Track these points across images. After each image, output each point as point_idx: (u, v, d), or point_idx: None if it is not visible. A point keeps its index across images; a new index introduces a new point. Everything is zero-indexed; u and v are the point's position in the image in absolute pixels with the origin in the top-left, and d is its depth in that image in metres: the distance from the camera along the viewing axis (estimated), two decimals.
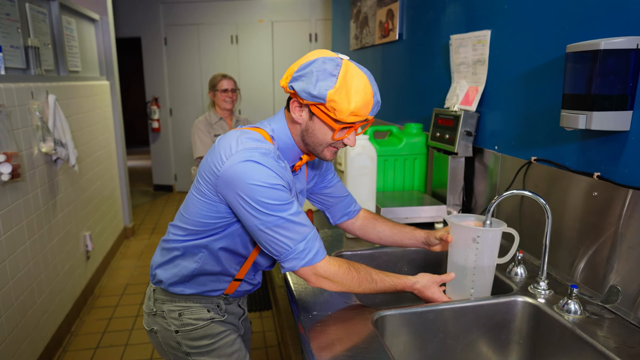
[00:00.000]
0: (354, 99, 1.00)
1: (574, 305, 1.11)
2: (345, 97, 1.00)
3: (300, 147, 1.14)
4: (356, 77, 1.01)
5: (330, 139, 1.07)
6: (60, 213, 2.78)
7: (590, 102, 1.07)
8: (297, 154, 1.15)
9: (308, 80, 1.00)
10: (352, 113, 1.01)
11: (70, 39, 3.23)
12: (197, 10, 5.77)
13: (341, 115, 1.01)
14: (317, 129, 1.07)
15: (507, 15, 1.54)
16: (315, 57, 1.03)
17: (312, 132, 1.08)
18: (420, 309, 1.15)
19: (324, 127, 1.06)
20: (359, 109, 1.01)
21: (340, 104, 1.00)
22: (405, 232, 1.35)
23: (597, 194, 1.19)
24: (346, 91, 1.00)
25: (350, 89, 1.00)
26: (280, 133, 1.12)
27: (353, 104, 1.00)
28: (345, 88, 1.00)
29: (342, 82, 0.99)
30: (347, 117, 1.01)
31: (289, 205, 1.03)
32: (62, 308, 2.74)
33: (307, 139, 1.10)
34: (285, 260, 1.05)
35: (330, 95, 0.99)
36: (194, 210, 1.13)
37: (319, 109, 1.03)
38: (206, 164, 1.09)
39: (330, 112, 1.02)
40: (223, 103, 2.88)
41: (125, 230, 4.43)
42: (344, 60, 1.03)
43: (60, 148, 2.63)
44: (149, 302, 1.29)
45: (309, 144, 1.10)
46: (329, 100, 1.00)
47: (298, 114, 1.08)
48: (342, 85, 0.99)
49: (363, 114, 1.03)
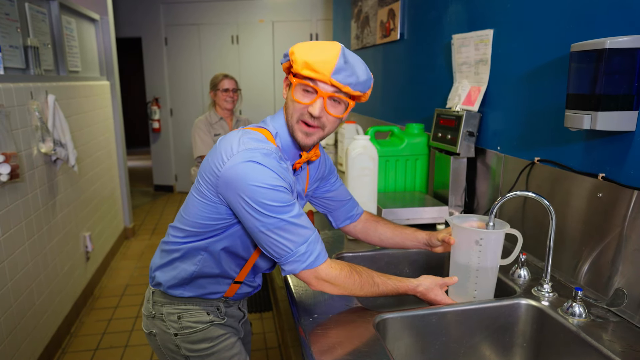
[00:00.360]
0: (312, 51, 1.00)
1: (578, 308, 1.10)
2: (305, 50, 1.01)
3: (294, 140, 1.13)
4: (323, 41, 1.04)
5: (297, 108, 1.04)
6: (59, 213, 2.77)
7: (595, 102, 1.06)
8: (296, 151, 1.14)
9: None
10: (307, 64, 0.99)
11: (70, 39, 3.21)
12: (197, 10, 5.76)
13: (297, 66, 1.01)
14: (289, 101, 1.08)
15: (510, 15, 1.53)
16: None
17: (288, 105, 1.08)
18: (422, 311, 1.14)
19: (293, 91, 1.05)
20: (315, 62, 0.98)
21: (298, 54, 1.01)
22: (406, 234, 1.34)
23: (601, 195, 1.17)
24: (309, 46, 1.02)
25: (310, 46, 1.02)
26: (281, 130, 1.11)
27: (310, 56, 0.99)
28: (309, 44, 1.02)
29: (309, 42, 1.03)
30: (302, 68, 1.00)
31: (290, 207, 1.02)
32: (61, 309, 2.72)
33: (286, 116, 1.09)
34: (286, 263, 1.04)
35: (292, 49, 1.02)
36: (194, 212, 1.12)
37: (291, 72, 1.05)
38: (207, 165, 1.07)
39: (292, 67, 1.03)
40: (224, 103, 2.87)
41: (126, 231, 4.42)
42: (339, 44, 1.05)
43: (59, 148, 2.62)
44: (147, 305, 1.28)
45: (289, 124, 1.08)
46: (290, 52, 1.02)
47: (284, 89, 1.11)
48: (306, 44, 1.02)
49: (321, 71, 0.98)
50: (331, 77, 0.99)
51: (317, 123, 1.05)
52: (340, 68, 0.99)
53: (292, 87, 1.05)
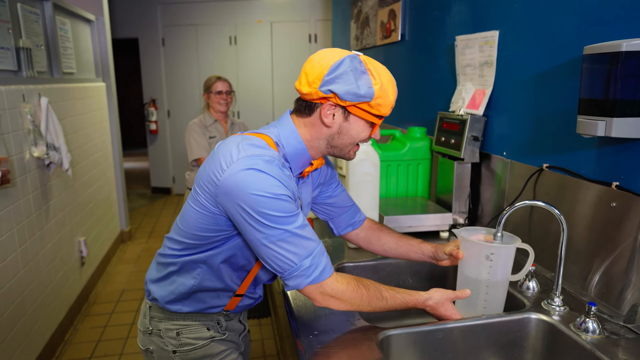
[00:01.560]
0: (390, 91, 1.02)
1: (592, 324, 1.04)
2: (386, 92, 1.01)
3: (313, 150, 1.08)
4: (382, 71, 1.02)
5: (365, 136, 1.07)
6: (53, 219, 2.71)
7: (610, 108, 1.00)
8: (307, 159, 1.09)
9: (347, 80, 0.98)
10: (392, 105, 1.04)
11: (64, 40, 3.15)
12: (195, 10, 5.71)
13: (384, 110, 1.03)
14: (352, 129, 1.05)
15: (517, 15, 1.47)
16: (339, 57, 1.00)
17: (347, 133, 1.05)
18: (428, 327, 1.08)
19: (360, 126, 1.05)
20: (394, 100, 1.04)
21: (384, 98, 1.01)
22: (411, 245, 1.28)
23: (615, 205, 1.12)
24: (385, 86, 1.01)
25: (386, 84, 1.01)
26: (290, 138, 1.05)
27: (392, 96, 1.02)
28: (384, 83, 1.01)
29: (378, 77, 1.00)
30: (389, 110, 1.04)
31: (294, 218, 0.96)
32: (55, 316, 2.66)
33: (338, 141, 1.06)
34: (289, 278, 0.98)
35: (377, 92, 1.00)
36: (191, 223, 1.06)
37: (360, 108, 1.02)
38: (204, 173, 1.01)
39: (374, 108, 1.02)
40: (217, 105, 2.81)
41: (122, 234, 4.35)
42: (361, 56, 1.03)
43: (52, 152, 2.56)
44: (144, 320, 1.22)
45: (337, 146, 1.07)
46: (375, 97, 1.00)
47: (331, 118, 1.03)
48: (380, 81, 1.00)
49: (393, 104, 1.06)
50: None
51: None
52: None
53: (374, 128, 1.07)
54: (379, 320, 1.36)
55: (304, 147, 1.06)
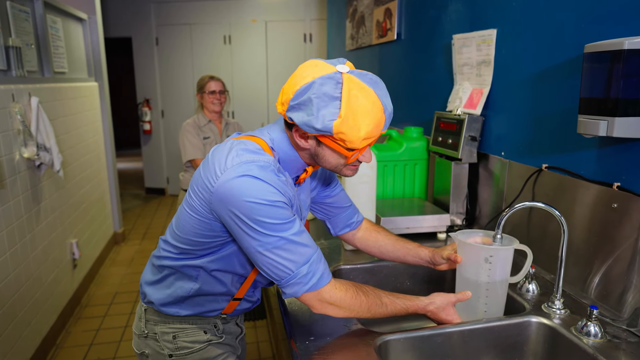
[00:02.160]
0: (363, 123, 0.88)
1: (594, 327, 1.02)
2: (354, 125, 0.87)
3: (307, 161, 1.03)
4: (361, 95, 0.88)
5: (343, 162, 0.98)
6: (44, 220, 2.66)
7: (612, 107, 0.98)
8: (302, 166, 1.04)
9: (308, 110, 0.87)
10: (364, 139, 0.90)
11: (55, 39, 3.10)
12: (189, 9, 5.66)
13: (352, 145, 0.90)
14: (327, 155, 0.97)
15: (515, 13, 1.45)
16: (311, 77, 0.88)
17: (324, 158, 0.98)
18: (427, 332, 1.06)
19: (334, 154, 0.96)
20: (370, 132, 0.89)
21: (350, 133, 0.88)
22: (408, 249, 1.26)
23: (616, 206, 1.10)
24: (353, 117, 0.87)
25: (357, 113, 0.87)
26: (281, 143, 1.01)
27: (363, 129, 0.88)
28: (351, 113, 0.87)
29: (347, 106, 0.86)
30: (360, 143, 0.90)
31: (290, 224, 0.93)
32: (46, 320, 2.62)
33: (320, 162, 1.00)
34: (286, 285, 0.96)
35: (337, 126, 0.87)
36: (187, 228, 1.03)
37: (327, 138, 0.92)
38: (199, 178, 0.99)
39: (340, 142, 0.91)
40: (211, 105, 2.77)
41: (115, 236, 4.30)
42: (344, 75, 0.89)
43: (43, 153, 2.51)
44: (139, 323, 1.19)
45: (324, 167, 1.01)
46: (335, 132, 0.88)
47: (304, 142, 0.96)
48: (348, 110, 0.86)
49: (375, 135, 0.91)
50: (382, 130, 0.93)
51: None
52: (388, 117, 0.93)
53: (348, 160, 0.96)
54: (376, 324, 1.34)
55: (295, 154, 1.02)
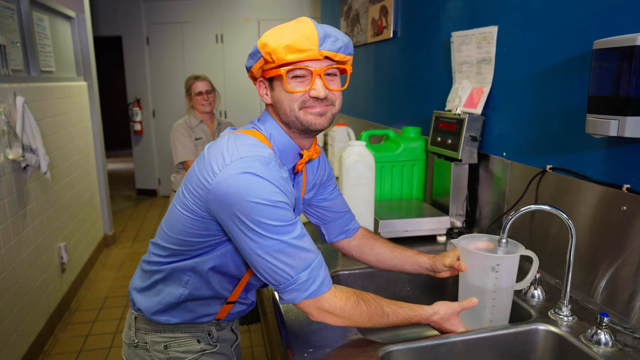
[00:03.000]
0: (285, 31, 0.90)
1: (604, 335, 0.98)
2: (272, 37, 0.90)
3: (295, 139, 0.99)
4: (282, 25, 0.93)
5: (295, 99, 0.93)
6: (31, 224, 2.58)
7: (624, 106, 0.94)
8: (296, 150, 1.00)
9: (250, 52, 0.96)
10: (288, 47, 0.88)
11: (42, 37, 3.02)
12: (180, 8, 5.57)
13: (279, 55, 0.88)
14: (278, 94, 0.95)
15: (517, 10, 1.41)
16: None
17: (279, 101, 0.95)
18: (431, 342, 1.01)
19: (281, 89, 0.94)
20: (295, 40, 0.88)
21: (272, 42, 0.89)
22: (407, 257, 1.20)
23: (626, 208, 1.06)
24: (270, 34, 0.91)
25: (274, 31, 0.91)
26: (274, 131, 0.98)
27: (286, 36, 0.88)
28: (269, 33, 0.92)
29: (268, 31, 0.92)
30: (285, 53, 0.88)
31: (292, 227, 0.88)
32: (34, 326, 2.54)
33: (281, 114, 0.96)
34: (284, 291, 0.90)
35: (261, 42, 0.91)
36: (178, 227, 0.98)
37: (264, 69, 0.94)
38: (194, 175, 0.93)
39: (271, 61, 0.90)
40: (200, 106, 2.71)
41: (105, 239, 4.22)
42: None
43: (29, 154, 2.43)
44: (129, 332, 1.13)
45: (287, 121, 0.96)
46: (260, 46, 0.91)
47: (264, 93, 0.99)
48: (267, 33, 0.92)
49: (304, 46, 0.88)
50: (320, 49, 0.89)
51: (325, 104, 0.94)
52: (324, 36, 0.90)
53: (284, 80, 0.92)
54: (376, 332, 1.29)
55: (288, 138, 0.99)
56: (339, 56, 0.92)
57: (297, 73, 0.91)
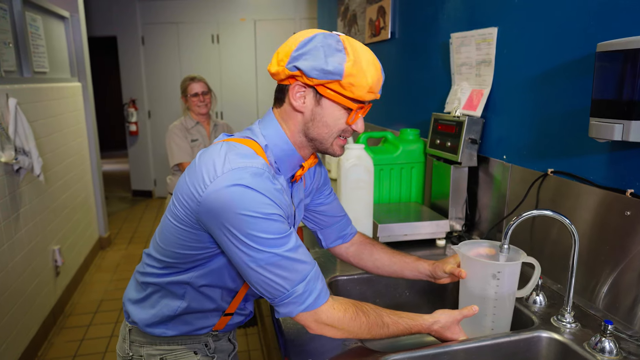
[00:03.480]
0: (369, 72, 0.89)
1: (608, 343, 0.96)
2: (361, 71, 0.88)
3: (301, 149, 0.97)
4: (362, 50, 0.90)
5: (343, 124, 0.93)
6: (24, 227, 2.54)
7: (628, 110, 0.92)
8: (298, 161, 0.97)
9: (316, 56, 0.87)
10: (370, 89, 0.90)
11: (35, 38, 2.98)
12: (176, 8, 5.54)
13: (360, 92, 0.89)
14: (326, 115, 0.92)
15: (517, 11, 1.39)
16: (312, 33, 0.90)
17: (321, 120, 0.92)
18: (431, 351, 0.99)
19: (335, 111, 0.92)
20: (375, 83, 0.90)
21: (359, 78, 0.87)
22: (406, 263, 1.18)
23: (630, 213, 1.04)
24: (359, 64, 0.88)
25: (362, 62, 0.88)
26: (275, 138, 0.94)
27: (369, 77, 0.89)
28: (358, 61, 0.88)
29: (354, 55, 0.88)
30: (366, 93, 0.89)
31: (286, 239, 0.86)
32: (27, 331, 2.50)
33: (314, 130, 0.93)
34: (280, 305, 0.88)
35: (348, 69, 0.87)
36: (171, 240, 0.95)
37: (330, 89, 0.89)
38: (184, 185, 0.90)
39: (347, 90, 0.88)
40: (196, 108, 2.68)
41: (101, 241, 4.18)
42: (341, 35, 0.92)
43: (22, 157, 2.40)
44: (123, 345, 1.10)
45: (316, 138, 0.94)
46: (346, 75, 0.87)
47: (301, 101, 0.92)
48: (356, 58, 0.88)
49: (376, 91, 0.92)
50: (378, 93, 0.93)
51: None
52: (382, 79, 0.94)
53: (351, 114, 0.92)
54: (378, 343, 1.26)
55: (291, 148, 0.95)
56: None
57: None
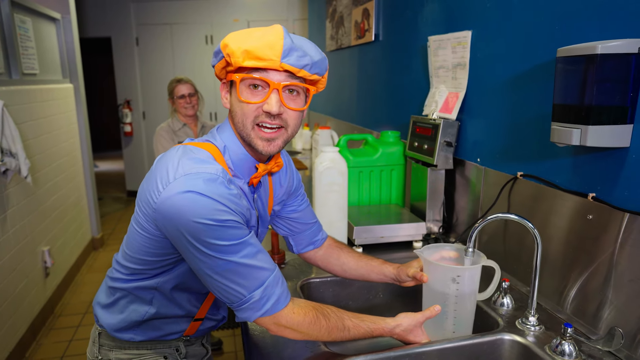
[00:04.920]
0: (251, 37, 0.84)
1: (568, 346, 0.97)
2: (240, 37, 0.85)
3: (251, 151, 0.94)
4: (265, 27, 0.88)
5: (248, 112, 0.87)
6: (11, 229, 2.56)
7: (585, 115, 0.93)
8: (252, 163, 0.96)
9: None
10: (248, 53, 0.83)
11: (24, 40, 2.99)
12: (169, 9, 5.55)
13: (235, 59, 0.84)
14: (234, 105, 0.90)
15: (490, 15, 1.40)
16: None
17: (234, 112, 0.91)
18: (393, 353, 1.00)
19: (235, 98, 0.89)
20: (259, 48, 0.82)
21: (233, 44, 0.84)
22: (372, 266, 1.19)
23: (591, 217, 1.05)
24: (245, 33, 0.86)
25: (250, 31, 0.86)
26: (229, 141, 0.94)
27: (250, 42, 0.83)
28: (239, 33, 0.87)
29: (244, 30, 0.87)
30: (242, 59, 0.83)
31: (241, 246, 0.85)
32: (14, 332, 2.51)
33: (236, 124, 0.91)
34: (238, 310, 0.89)
35: (224, 41, 0.86)
36: (136, 246, 0.95)
37: (226, 70, 0.90)
38: (142, 192, 0.90)
39: (231, 60, 0.85)
40: (183, 110, 2.70)
41: (93, 242, 4.19)
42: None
43: (9, 158, 2.41)
44: (93, 348, 1.10)
45: (241, 132, 0.91)
46: (223, 46, 0.86)
47: (225, 97, 0.94)
48: (239, 32, 0.87)
49: (268, 56, 0.82)
50: (281, 61, 0.83)
51: (277, 122, 0.88)
52: (289, 49, 0.83)
53: (237, 87, 0.87)
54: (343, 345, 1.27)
55: (243, 151, 0.94)
56: (302, 72, 0.85)
57: (253, 82, 0.86)
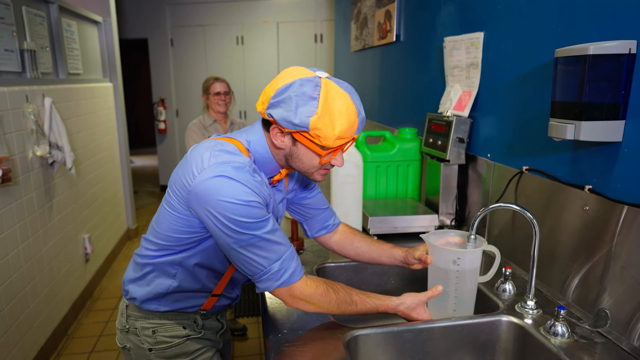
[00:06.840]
0: (338, 122, 0.95)
1: (561, 327, 1.04)
2: (329, 123, 0.94)
3: (281, 163, 1.08)
4: (338, 98, 0.95)
5: (317, 163, 1.03)
6: (57, 216, 2.78)
7: (579, 111, 1.00)
8: (276, 168, 1.10)
9: (287, 107, 0.94)
10: (338, 137, 0.96)
11: (70, 42, 3.23)
12: (202, 11, 5.77)
13: (326, 142, 0.96)
14: (302, 155, 1.02)
15: (500, 17, 1.47)
16: (292, 79, 0.96)
17: (298, 158, 1.03)
18: (397, 328, 1.09)
19: (309, 152, 1.01)
20: (344, 132, 0.96)
21: (325, 130, 0.95)
22: (383, 250, 1.29)
23: (588, 209, 1.11)
24: (329, 115, 0.94)
25: (333, 113, 0.94)
26: (257, 145, 1.06)
27: (338, 128, 0.95)
28: (327, 112, 0.94)
29: (324, 105, 0.94)
30: (333, 142, 0.97)
31: (264, 223, 0.99)
32: (58, 311, 2.73)
33: (293, 164, 1.05)
34: (259, 281, 1.02)
35: (313, 122, 0.94)
36: (166, 225, 1.09)
37: (303, 135, 0.98)
38: (177, 177, 1.04)
39: (315, 139, 0.96)
40: (216, 106, 2.85)
41: (129, 232, 4.43)
42: (322, 79, 0.97)
43: (56, 151, 2.63)
44: (121, 319, 1.25)
45: (297, 168, 1.06)
46: (312, 128, 0.94)
47: (280, 140, 1.02)
48: (325, 109, 0.94)
49: (349, 136, 0.98)
50: (355, 134, 1.00)
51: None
52: (360, 123, 0.99)
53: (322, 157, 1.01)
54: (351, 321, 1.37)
55: (270, 156, 1.07)
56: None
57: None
